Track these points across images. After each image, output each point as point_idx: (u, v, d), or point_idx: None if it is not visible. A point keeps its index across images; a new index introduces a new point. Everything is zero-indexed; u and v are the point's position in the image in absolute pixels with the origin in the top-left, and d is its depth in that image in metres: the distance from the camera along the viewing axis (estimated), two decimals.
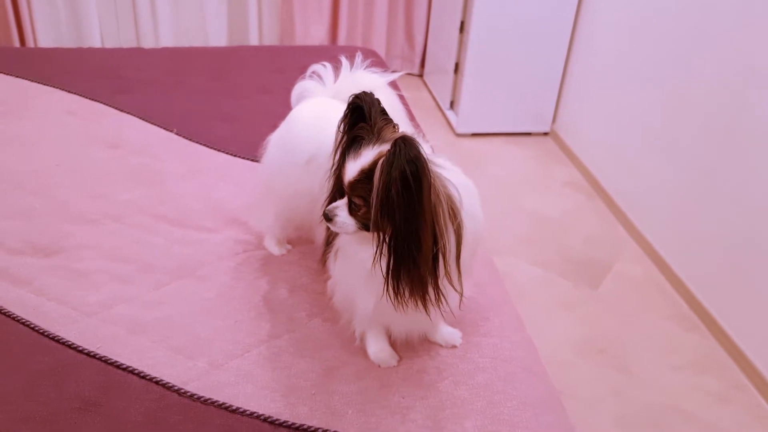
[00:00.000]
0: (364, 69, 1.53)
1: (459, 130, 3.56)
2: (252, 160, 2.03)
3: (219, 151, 2.07)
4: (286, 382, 1.30)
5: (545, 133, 3.64)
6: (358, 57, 1.53)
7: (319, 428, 1.21)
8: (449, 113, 3.68)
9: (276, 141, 1.54)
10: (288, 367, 1.33)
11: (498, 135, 3.60)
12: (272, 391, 1.28)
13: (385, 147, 1.08)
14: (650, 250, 2.71)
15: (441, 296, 1.13)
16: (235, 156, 2.05)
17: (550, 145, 3.56)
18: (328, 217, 1.16)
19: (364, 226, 1.14)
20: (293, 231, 1.63)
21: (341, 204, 1.16)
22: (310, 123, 1.46)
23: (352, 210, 1.15)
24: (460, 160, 1.34)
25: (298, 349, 1.36)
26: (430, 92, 3.99)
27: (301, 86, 1.56)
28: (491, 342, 1.38)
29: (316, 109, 1.49)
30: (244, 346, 1.37)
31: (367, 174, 1.09)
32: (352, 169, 1.12)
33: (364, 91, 1.15)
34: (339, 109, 1.38)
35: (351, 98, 1.15)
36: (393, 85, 2.63)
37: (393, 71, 1.67)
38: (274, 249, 1.64)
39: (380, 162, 1.03)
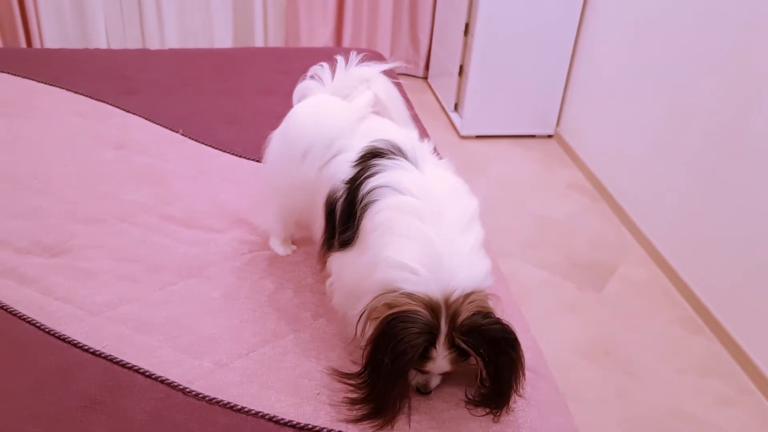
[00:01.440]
0: (359, 63, 1.54)
1: (463, 132, 3.56)
2: (257, 161, 2.03)
3: (224, 151, 2.08)
4: (291, 381, 1.30)
5: (549, 136, 3.65)
6: (353, 54, 1.54)
7: (323, 428, 1.21)
8: (453, 115, 3.68)
9: (275, 137, 1.56)
10: (293, 367, 1.33)
11: (502, 137, 3.61)
12: (277, 391, 1.28)
13: (444, 332, 1.13)
14: (654, 253, 2.71)
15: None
16: (240, 157, 2.05)
17: (555, 147, 3.56)
18: (426, 392, 1.25)
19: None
20: (295, 228, 1.64)
21: (430, 377, 1.23)
22: (307, 118, 1.48)
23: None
24: (464, 163, 1.36)
25: (303, 349, 1.37)
26: (435, 95, 3.99)
27: (302, 87, 1.58)
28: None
29: (313, 106, 1.50)
30: (250, 345, 1.37)
31: (460, 358, 1.17)
32: (441, 366, 1.17)
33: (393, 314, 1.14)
34: (335, 104, 1.43)
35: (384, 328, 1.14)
36: (398, 85, 2.64)
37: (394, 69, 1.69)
38: (279, 249, 1.64)
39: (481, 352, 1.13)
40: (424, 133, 2.29)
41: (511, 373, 1.17)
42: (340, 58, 1.55)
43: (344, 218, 1.29)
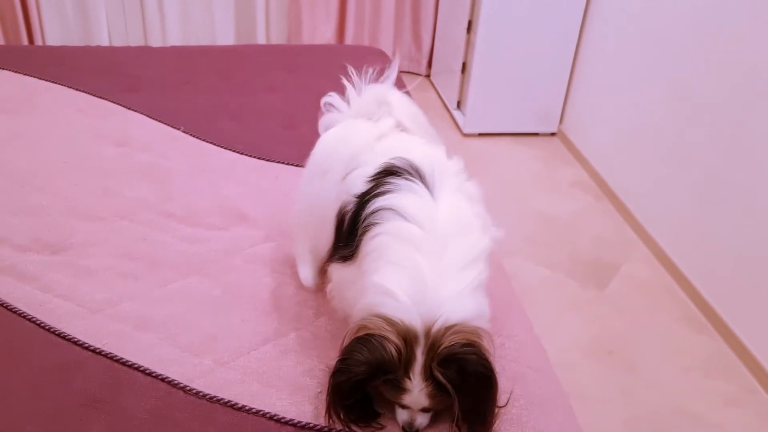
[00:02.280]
0: (368, 83, 1.51)
1: (466, 130, 3.55)
2: (259, 158, 2.02)
3: (226, 149, 2.06)
4: (293, 380, 1.29)
5: (552, 134, 3.63)
6: (360, 78, 1.52)
7: (324, 427, 1.20)
8: (456, 113, 3.67)
9: (306, 166, 1.53)
10: (294, 365, 1.32)
11: (505, 135, 3.59)
12: (278, 390, 1.27)
13: (419, 362, 1.08)
14: (658, 251, 2.70)
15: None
16: (242, 154, 2.04)
17: (558, 145, 3.55)
18: (413, 430, 1.17)
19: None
20: (311, 249, 1.53)
21: (414, 415, 1.16)
22: (330, 139, 1.48)
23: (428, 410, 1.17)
24: (467, 161, 1.34)
25: (304, 348, 1.36)
26: (437, 92, 3.98)
27: (325, 120, 1.56)
28: (498, 342, 1.37)
29: (338, 129, 1.49)
30: (251, 344, 1.36)
31: (438, 391, 1.10)
32: (418, 401, 1.12)
33: (348, 363, 1.09)
34: (359, 124, 1.42)
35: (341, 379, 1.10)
36: (400, 84, 2.63)
37: (400, 71, 1.67)
38: (307, 278, 1.50)
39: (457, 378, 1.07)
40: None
41: (485, 411, 1.13)
42: (347, 84, 1.52)
43: (347, 233, 1.25)
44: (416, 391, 1.09)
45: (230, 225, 1.72)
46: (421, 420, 1.16)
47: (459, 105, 3.67)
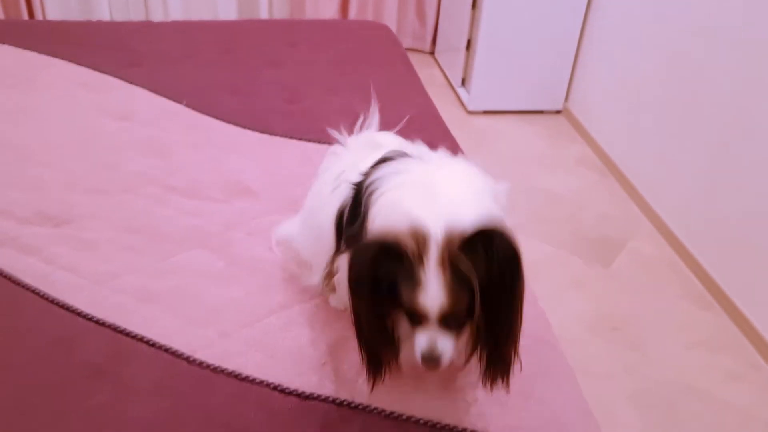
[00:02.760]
0: (367, 130, 1.49)
1: (470, 108, 3.52)
2: (262, 132, 2.01)
3: (229, 123, 2.05)
4: (296, 351, 1.28)
5: (558, 111, 3.60)
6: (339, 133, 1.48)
7: (329, 397, 1.20)
8: (461, 91, 3.64)
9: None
10: (298, 336, 1.32)
11: (510, 113, 3.57)
12: (282, 360, 1.26)
13: (435, 248, 0.96)
14: (664, 228, 2.68)
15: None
16: (244, 128, 2.03)
17: (563, 123, 3.52)
18: (435, 361, 1.01)
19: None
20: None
21: (436, 335, 1.00)
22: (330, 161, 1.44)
23: (451, 330, 1.01)
24: (471, 138, 1.32)
25: (308, 320, 1.35)
26: (441, 70, 3.95)
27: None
28: None
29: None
30: (254, 315, 1.36)
31: (458, 285, 0.97)
32: (435, 296, 0.97)
33: (381, 240, 0.98)
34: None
35: (366, 250, 0.98)
36: (405, 61, 2.60)
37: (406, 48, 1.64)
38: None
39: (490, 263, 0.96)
40: (432, 108, 2.27)
41: (510, 308, 1.00)
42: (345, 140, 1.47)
43: (350, 217, 1.19)
44: (433, 285, 0.96)
45: (233, 198, 1.71)
46: (443, 343, 1.00)
47: (463, 82, 3.64)
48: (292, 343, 1.30)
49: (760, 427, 1.95)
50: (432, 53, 4.15)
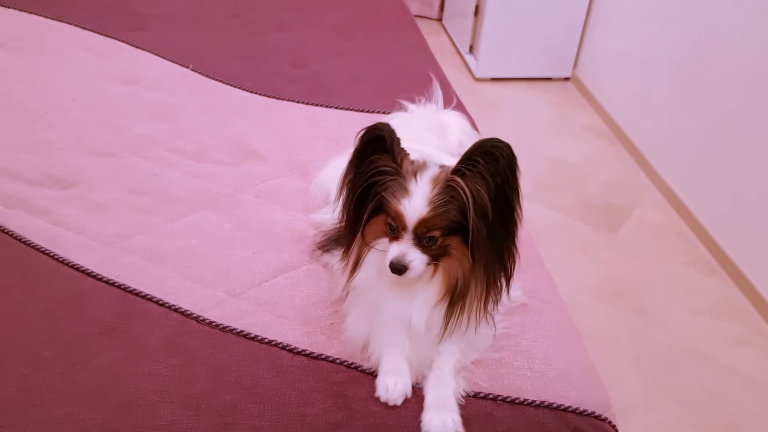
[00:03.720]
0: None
1: (478, 75, 3.49)
2: (268, 96, 2.00)
3: (235, 87, 2.04)
4: (305, 311, 1.30)
5: (566, 78, 3.57)
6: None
7: (337, 359, 1.21)
8: (468, 57, 3.60)
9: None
10: (306, 297, 1.33)
11: (518, 80, 3.53)
12: (290, 321, 1.28)
13: (432, 172, 1.04)
14: (671, 195, 2.67)
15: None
16: (251, 92, 2.02)
17: (571, 90, 3.49)
18: (400, 270, 1.04)
19: (433, 258, 1.07)
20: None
21: (406, 248, 1.05)
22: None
23: (423, 247, 1.05)
24: (478, 105, 1.32)
25: (316, 280, 1.36)
26: (449, 36, 3.91)
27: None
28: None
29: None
30: (262, 276, 1.37)
31: (444, 201, 1.02)
32: (417, 205, 1.02)
33: (382, 122, 1.07)
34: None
35: (366, 130, 1.05)
36: (413, 26, 2.57)
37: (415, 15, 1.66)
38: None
39: (484, 173, 1.00)
40: (440, 74, 2.25)
41: (510, 214, 1.03)
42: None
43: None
44: (417, 196, 1.02)
45: (240, 161, 1.71)
46: (413, 254, 1.05)
47: (471, 49, 3.60)
48: (300, 303, 1.31)
49: (762, 392, 1.96)
50: (440, 20, 4.10)
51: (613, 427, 1.17)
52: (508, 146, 1.00)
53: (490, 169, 1.00)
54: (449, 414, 1.10)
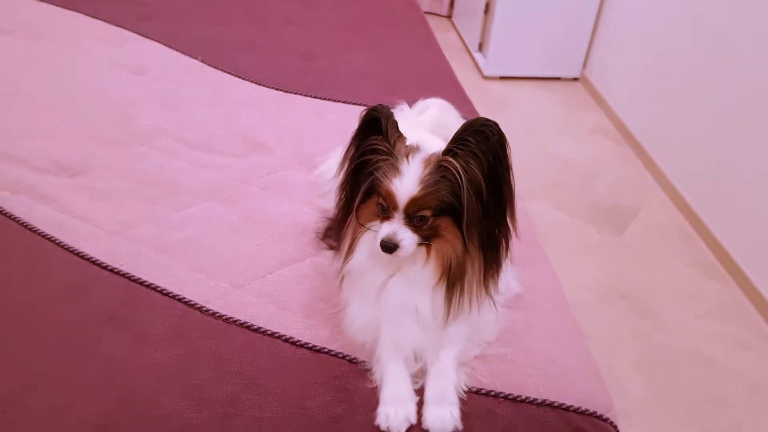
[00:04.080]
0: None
1: (487, 73, 3.49)
2: (276, 89, 2.00)
3: (244, 79, 2.04)
4: (308, 305, 1.30)
5: (575, 79, 3.56)
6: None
7: (339, 352, 1.21)
8: (477, 55, 3.60)
9: None
10: (310, 290, 1.33)
11: (526, 79, 3.53)
12: (293, 313, 1.27)
13: (425, 153, 1.06)
14: (677, 197, 2.66)
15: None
16: (259, 84, 2.02)
17: (580, 90, 3.48)
18: (390, 248, 1.05)
19: (424, 239, 1.08)
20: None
21: (397, 227, 1.06)
22: None
23: (414, 226, 1.06)
24: (486, 104, 1.32)
25: (320, 273, 1.36)
26: (459, 34, 3.90)
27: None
28: (515, 267, 1.36)
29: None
30: (267, 268, 1.37)
31: (434, 181, 1.04)
32: (408, 184, 1.04)
33: (380, 104, 1.09)
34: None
35: (366, 111, 1.09)
36: (423, 23, 2.57)
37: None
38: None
39: (476, 151, 1.02)
40: (449, 71, 2.24)
41: (503, 194, 1.04)
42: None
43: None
44: (409, 175, 1.04)
45: (247, 153, 1.71)
46: (404, 234, 1.05)
47: (480, 47, 3.60)
48: (303, 296, 1.31)
49: (765, 396, 1.96)
50: (449, 17, 4.09)
51: (615, 427, 1.17)
52: (497, 124, 1.02)
53: (482, 147, 1.02)
54: (449, 408, 1.10)
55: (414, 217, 1.06)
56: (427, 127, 1.49)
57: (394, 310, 1.13)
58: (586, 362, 1.25)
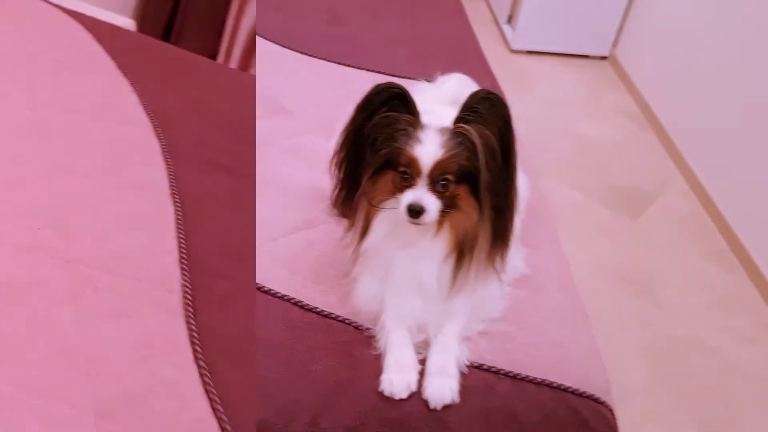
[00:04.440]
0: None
1: (514, 47, 3.45)
2: (301, 53, 2.00)
3: (268, 40, 2.04)
4: (319, 270, 1.31)
5: (603, 57, 3.51)
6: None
7: (346, 319, 1.23)
8: (506, 28, 3.55)
9: None
10: (321, 256, 1.34)
11: (554, 55, 3.48)
12: (304, 278, 1.29)
13: (438, 125, 1.09)
14: (697, 185, 2.64)
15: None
16: (284, 47, 2.02)
17: (607, 69, 3.43)
18: (417, 214, 1.06)
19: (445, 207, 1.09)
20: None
21: (421, 193, 1.07)
22: None
23: (437, 192, 1.08)
24: (511, 78, 1.32)
25: (332, 239, 1.37)
26: (488, 4, 3.85)
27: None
28: (525, 250, 1.37)
29: None
30: (280, 231, 1.38)
31: (454, 145, 1.06)
32: (431, 148, 1.06)
33: (394, 82, 1.10)
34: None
35: (387, 85, 1.08)
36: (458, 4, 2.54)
37: None
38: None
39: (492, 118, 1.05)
40: (474, 43, 2.22)
41: (509, 166, 1.08)
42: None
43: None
44: (430, 141, 1.07)
45: (267, 115, 1.72)
46: (428, 199, 1.07)
47: (510, 19, 3.55)
48: (315, 262, 1.33)
49: (765, 389, 1.96)
50: None
51: (611, 411, 1.19)
52: (499, 95, 1.08)
53: (491, 113, 1.05)
54: (449, 380, 1.12)
55: (438, 182, 1.07)
56: (445, 99, 1.49)
57: (400, 282, 1.15)
58: (588, 345, 1.27)
